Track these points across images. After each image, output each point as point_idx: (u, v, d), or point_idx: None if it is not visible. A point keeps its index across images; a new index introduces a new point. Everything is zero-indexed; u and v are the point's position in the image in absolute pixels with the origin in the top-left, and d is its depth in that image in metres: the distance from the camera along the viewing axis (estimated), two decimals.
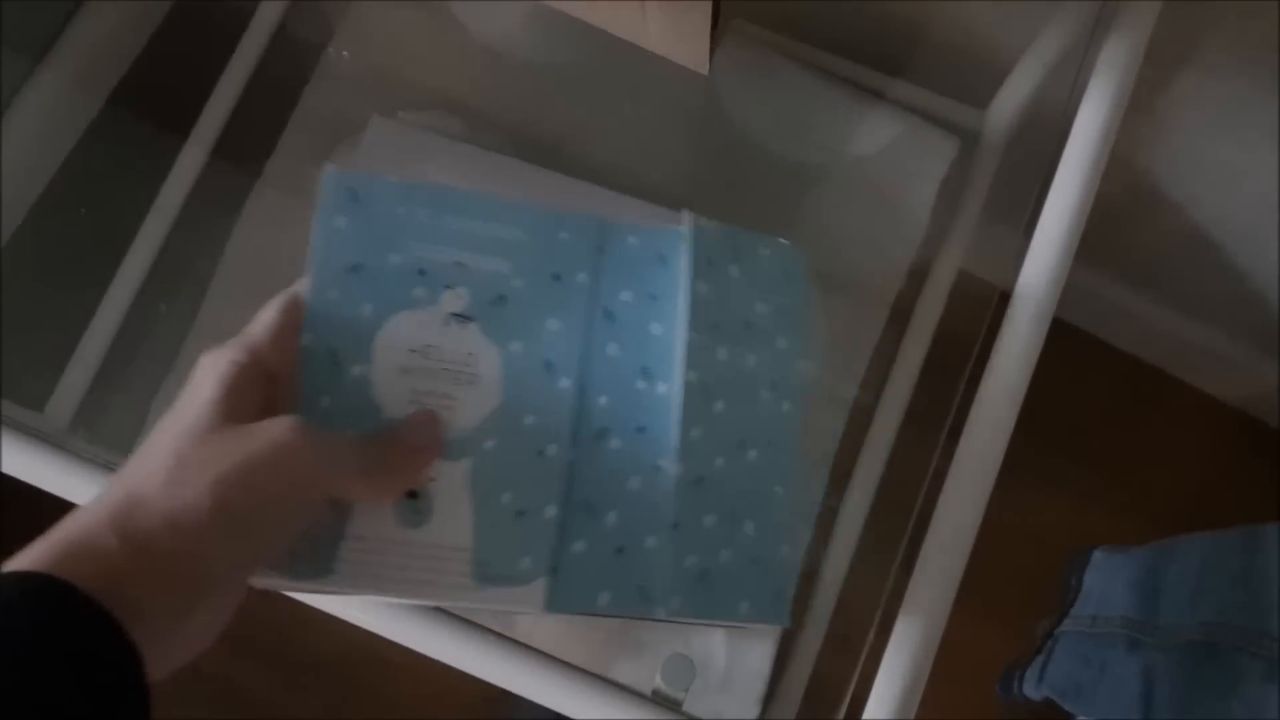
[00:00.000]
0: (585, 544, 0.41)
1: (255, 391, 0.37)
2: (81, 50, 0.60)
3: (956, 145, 0.62)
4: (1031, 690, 1.00)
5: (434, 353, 0.41)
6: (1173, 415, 1.17)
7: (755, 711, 0.54)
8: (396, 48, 0.60)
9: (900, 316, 0.59)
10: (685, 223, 0.45)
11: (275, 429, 0.35)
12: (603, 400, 0.43)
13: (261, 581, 0.38)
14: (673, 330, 0.44)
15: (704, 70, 0.55)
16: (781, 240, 0.48)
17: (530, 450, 0.41)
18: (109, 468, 0.49)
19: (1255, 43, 0.63)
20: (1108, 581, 0.99)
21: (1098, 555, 1.03)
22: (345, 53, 0.53)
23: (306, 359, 0.39)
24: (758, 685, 0.54)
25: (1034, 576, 1.06)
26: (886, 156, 0.61)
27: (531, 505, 0.41)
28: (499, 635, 0.48)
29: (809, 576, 0.55)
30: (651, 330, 0.44)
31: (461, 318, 0.42)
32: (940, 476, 0.48)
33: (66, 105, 0.48)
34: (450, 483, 0.40)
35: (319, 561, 0.38)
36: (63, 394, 0.57)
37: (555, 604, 0.41)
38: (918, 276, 0.60)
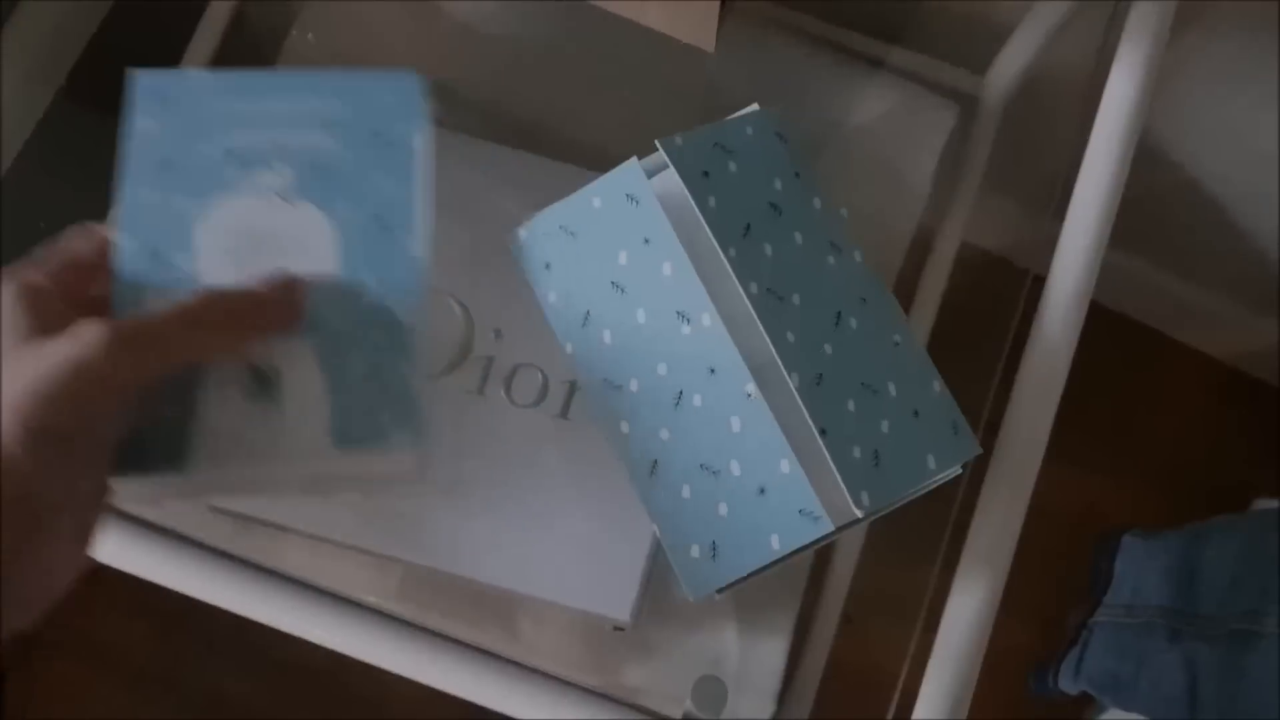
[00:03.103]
0: (728, 504, 0.44)
1: (58, 316, 0.37)
2: (27, 41, 0.61)
3: (955, 112, 0.63)
4: (1068, 684, 1.01)
5: (259, 232, 0.44)
6: (1171, 377, 1.20)
7: (770, 709, 0.55)
8: (363, 28, 0.62)
9: (904, 288, 0.60)
10: (659, 149, 0.47)
11: (84, 330, 0.35)
12: (661, 368, 0.46)
13: (123, 485, 0.40)
14: (682, 266, 0.46)
15: (710, 48, 0.56)
16: (753, 108, 0.50)
17: (374, 310, 0.44)
18: None
19: (1259, 3, 0.65)
20: (1141, 568, 1.00)
21: (1127, 540, 1.04)
22: (310, 36, 0.55)
23: (126, 260, 0.43)
24: (772, 682, 0.55)
25: (1046, 553, 1.08)
26: (885, 127, 0.63)
27: (382, 364, 0.43)
28: (520, 665, 0.50)
29: (821, 567, 0.57)
30: (664, 273, 0.46)
31: (284, 193, 0.45)
32: (976, 465, 0.50)
33: (13, 100, 0.49)
34: (296, 356, 0.43)
35: (175, 457, 0.41)
36: None
37: (722, 575, 0.44)
38: (921, 246, 0.61)
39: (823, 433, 0.43)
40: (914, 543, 0.54)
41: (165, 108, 0.45)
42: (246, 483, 0.44)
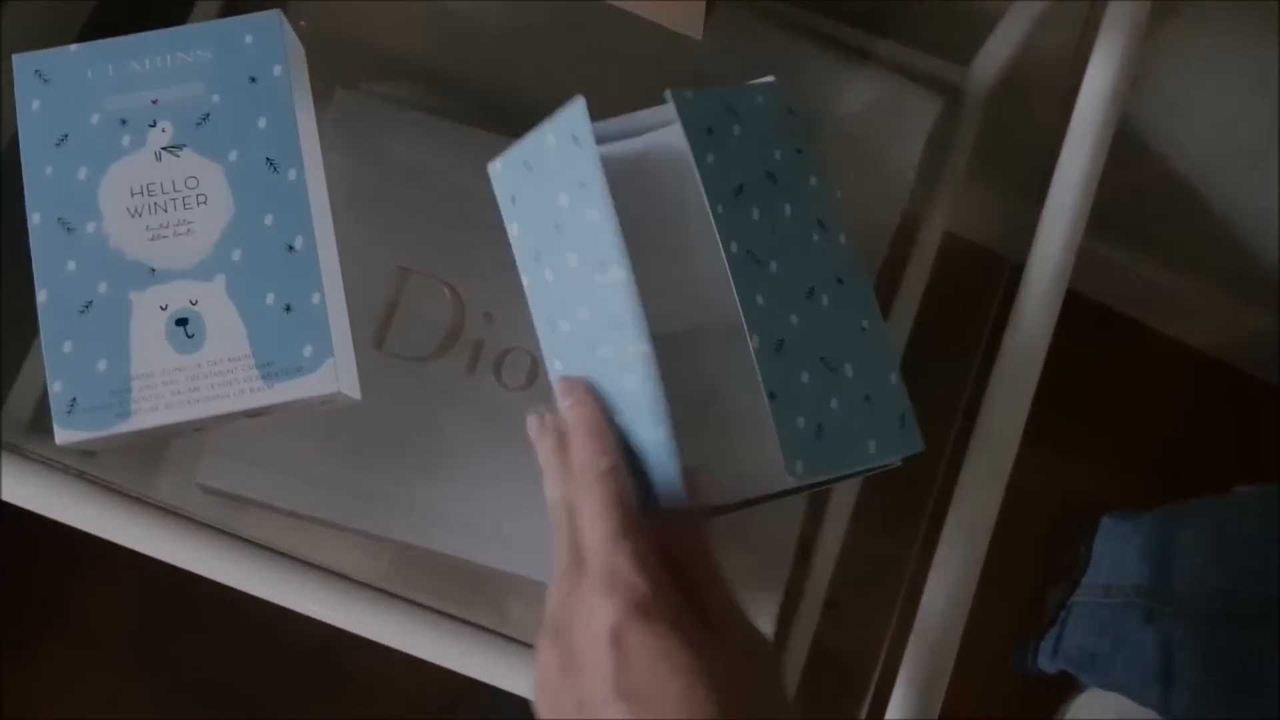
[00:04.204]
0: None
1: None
2: (17, 35, 0.61)
3: (939, 103, 0.64)
4: (1046, 663, 1.03)
5: (156, 188, 0.47)
6: (1150, 366, 1.21)
7: None
8: (356, 14, 0.62)
9: (887, 278, 0.61)
10: (667, 101, 0.48)
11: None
12: (583, 313, 0.46)
13: (66, 437, 0.45)
14: (605, 215, 0.44)
15: (698, 35, 0.57)
16: (767, 80, 0.51)
17: (279, 247, 0.47)
18: (67, 470, 0.52)
19: None
20: (1118, 549, 1.02)
21: (1106, 522, 1.05)
22: (302, 22, 0.55)
23: (40, 234, 0.46)
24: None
25: (1024, 536, 1.10)
26: (870, 117, 0.63)
27: (296, 298, 0.47)
28: (507, 638, 0.51)
29: (806, 548, 0.58)
30: (589, 219, 0.45)
31: (172, 148, 0.48)
32: (954, 450, 0.51)
33: (7, 90, 0.50)
34: (212, 301, 0.46)
35: (115, 407, 0.45)
36: (22, 390, 0.59)
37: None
38: (904, 235, 0.62)
39: (771, 396, 0.44)
40: (897, 528, 0.55)
41: (49, 86, 0.48)
42: (182, 425, 0.46)
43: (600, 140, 0.47)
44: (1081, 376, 1.16)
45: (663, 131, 0.50)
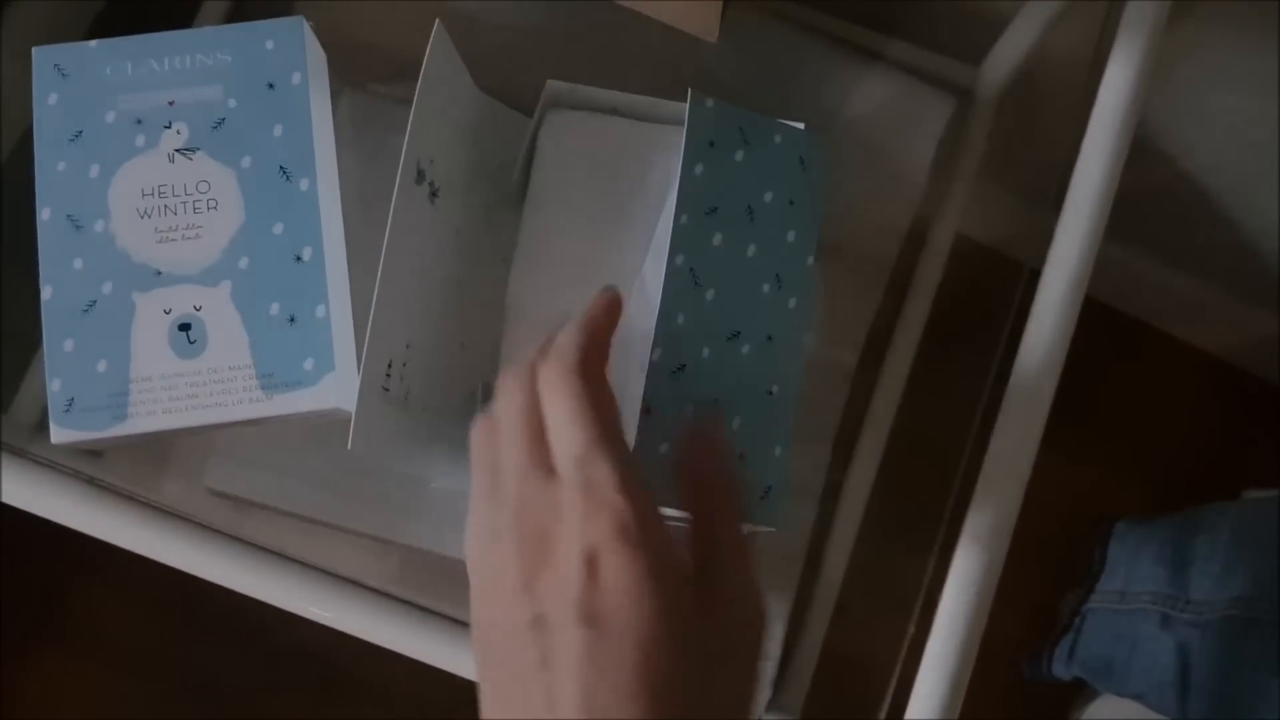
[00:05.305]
0: None
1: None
2: (23, 35, 0.61)
3: (952, 104, 0.64)
4: (1061, 670, 1.03)
5: (167, 190, 0.47)
6: (1158, 369, 1.20)
7: (767, 694, 0.57)
8: (363, 16, 0.62)
9: (898, 281, 0.62)
10: (688, 96, 0.47)
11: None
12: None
13: (61, 436, 0.45)
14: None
15: (712, 39, 0.57)
16: (797, 125, 0.49)
17: (286, 257, 0.47)
18: (77, 475, 0.52)
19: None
20: (1133, 555, 1.02)
21: (1120, 527, 1.05)
22: (311, 23, 0.56)
23: (49, 230, 0.47)
24: (767, 668, 0.57)
25: (1036, 542, 1.10)
26: (882, 118, 0.63)
27: (300, 310, 0.47)
28: None
29: (816, 554, 0.58)
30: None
31: (186, 151, 0.48)
32: (971, 457, 0.51)
33: (11, 91, 0.50)
34: (216, 307, 0.47)
35: (112, 409, 0.45)
36: (28, 393, 0.60)
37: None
38: (916, 238, 0.62)
39: (646, 410, 0.44)
40: (908, 535, 0.55)
41: (67, 81, 0.48)
42: (179, 431, 0.47)
43: (626, 115, 0.50)
44: (1086, 378, 1.15)
45: (676, 128, 0.49)
